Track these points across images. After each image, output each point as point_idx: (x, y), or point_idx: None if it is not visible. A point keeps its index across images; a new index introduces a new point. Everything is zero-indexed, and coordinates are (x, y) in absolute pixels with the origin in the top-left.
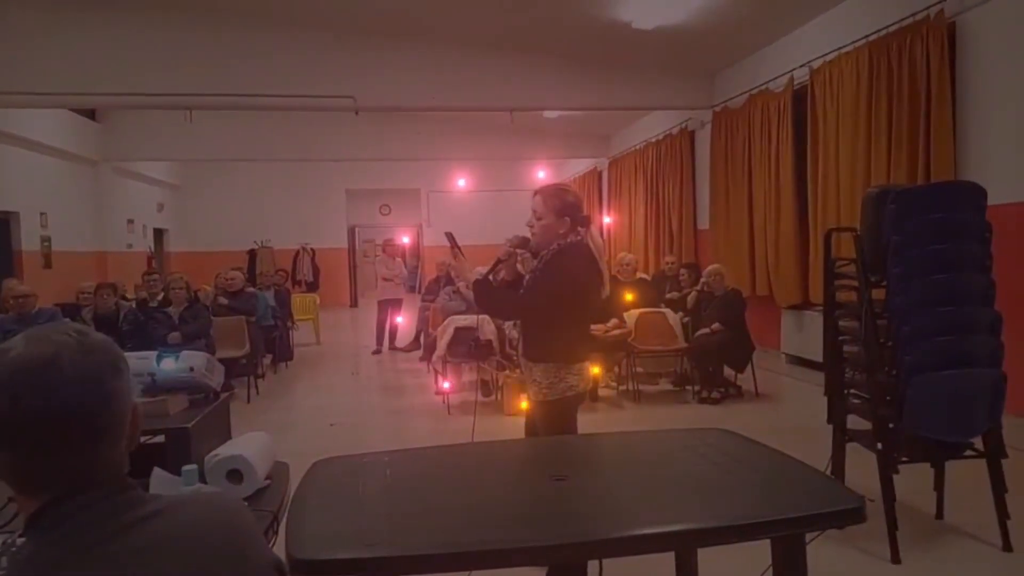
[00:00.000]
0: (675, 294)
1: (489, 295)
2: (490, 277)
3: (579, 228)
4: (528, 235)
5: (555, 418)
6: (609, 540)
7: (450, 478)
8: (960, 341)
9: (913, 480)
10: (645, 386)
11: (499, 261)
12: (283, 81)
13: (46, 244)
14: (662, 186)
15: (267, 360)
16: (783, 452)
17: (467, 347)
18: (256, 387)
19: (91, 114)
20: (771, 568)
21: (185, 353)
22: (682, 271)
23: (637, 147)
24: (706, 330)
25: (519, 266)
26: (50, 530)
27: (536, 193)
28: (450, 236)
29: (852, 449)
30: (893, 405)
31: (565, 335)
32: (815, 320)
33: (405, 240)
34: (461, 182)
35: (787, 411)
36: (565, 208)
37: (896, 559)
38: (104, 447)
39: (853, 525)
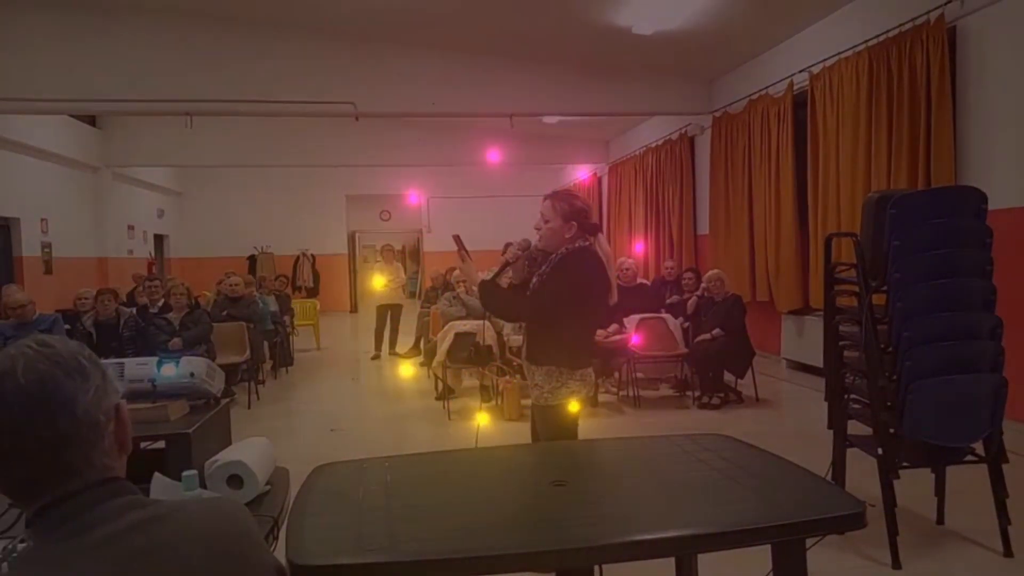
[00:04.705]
0: (676, 299)
1: (495, 296)
2: (497, 279)
3: (587, 235)
4: (534, 239)
5: (556, 422)
6: (609, 546)
7: (450, 483)
8: (961, 346)
9: (914, 485)
10: (645, 391)
11: (507, 264)
12: (283, 87)
13: (47, 250)
14: (662, 191)
15: (267, 365)
16: (783, 457)
17: (467, 352)
18: (256, 392)
19: (91, 120)
20: (771, 573)
21: (185, 359)
22: (687, 274)
23: (637, 152)
24: (706, 335)
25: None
26: (52, 530)
27: (545, 198)
28: (457, 239)
29: (853, 454)
30: (894, 410)
31: (569, 339)
32: (815, 325)
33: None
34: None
35: (787, 416)
36: (573, 213)
37: (897, 564)
38: (76, 450)
39: (854, 531)
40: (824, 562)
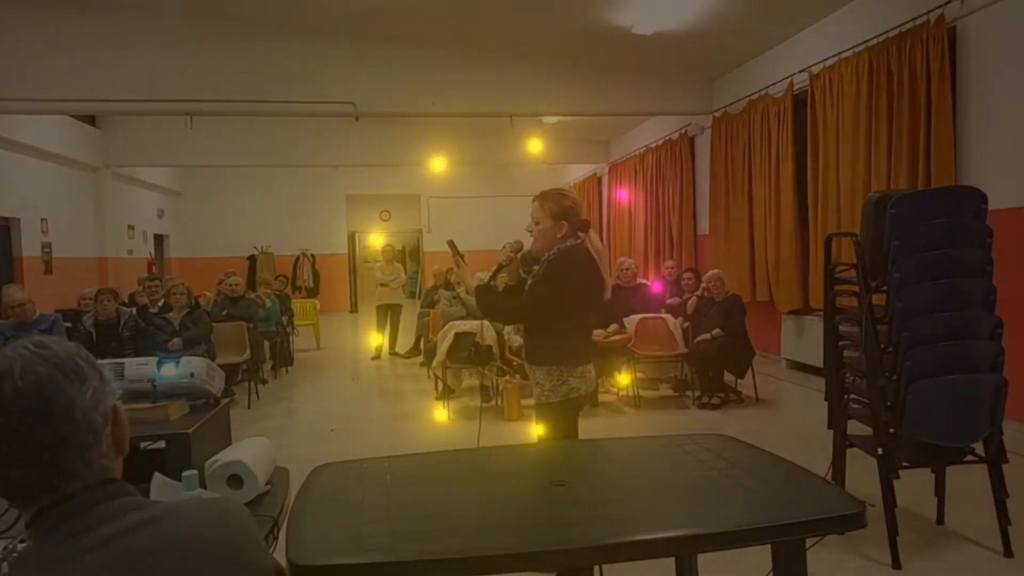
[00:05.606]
0: (675, 299)
1: (491, 300)
2: (491, 283)
3: (578, 232)
4: (527, 241)
5: (557, 420)
6: (609, 546)
7: (450, 483)
8: (961, 346)
9: (914, 485)
10: (645, 391)
11: (500, 267)
12: (283, 87)
13: (47, 250)
14: (662, 191)
15: (267, 365)
16: (783, 457)
17: (467, 352)
18: (256, 392)
19: (91, 120)
20: (771, 573)
21: (185, 359)
22: (687, 274)
23: (637, 152)
24: (706, 335)
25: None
26: (51, 532)
27: (534, 199)
28: (451, 244)
29: (853, 454)
30: (894, 410)
31: (566, 338)
32: (815, 325)
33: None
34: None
35: (787, 416)
36: (562, 212)
37: (897, 565)
38: (74, 452)
39: (854, 531)
40: (824, 562)
